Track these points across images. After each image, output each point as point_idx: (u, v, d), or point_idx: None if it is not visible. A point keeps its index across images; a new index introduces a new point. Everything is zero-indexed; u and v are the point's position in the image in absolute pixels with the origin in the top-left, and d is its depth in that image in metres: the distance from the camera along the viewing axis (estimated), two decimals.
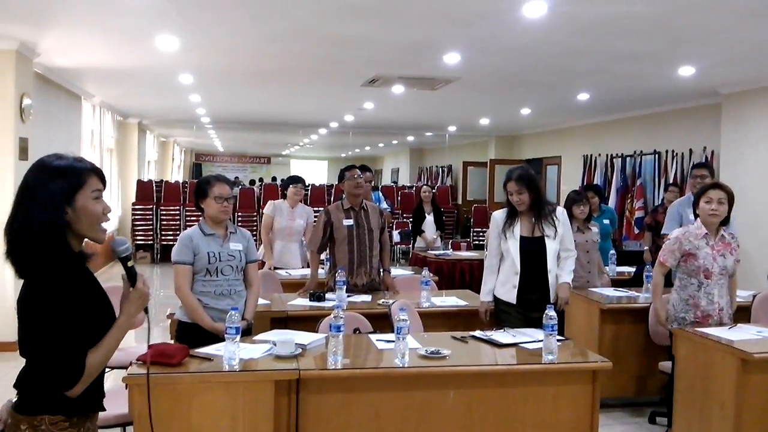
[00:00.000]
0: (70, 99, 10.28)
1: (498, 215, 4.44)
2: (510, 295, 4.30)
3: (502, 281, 4.37)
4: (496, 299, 4.43)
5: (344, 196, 5.39)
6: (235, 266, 3.99)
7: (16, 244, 2.01)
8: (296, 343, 3.45)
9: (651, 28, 6.01)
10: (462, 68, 7.93)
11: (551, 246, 4.26)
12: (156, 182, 14.95)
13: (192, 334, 3.82)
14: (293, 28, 6.35)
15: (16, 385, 2.07)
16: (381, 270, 5.42)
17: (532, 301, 4.24)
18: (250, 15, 5.92)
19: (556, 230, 4.28)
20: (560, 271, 4.35)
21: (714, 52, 6.86)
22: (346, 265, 5.22)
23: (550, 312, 3.48)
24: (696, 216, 4.57)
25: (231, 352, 3.17)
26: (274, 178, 21.29)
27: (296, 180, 6.97)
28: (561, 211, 4.42)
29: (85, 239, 2.16)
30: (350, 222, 5.27)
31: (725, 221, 4.45)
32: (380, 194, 7.56)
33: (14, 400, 2.08)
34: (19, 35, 6.86)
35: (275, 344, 3.44)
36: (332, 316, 3.37)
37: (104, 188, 2.19)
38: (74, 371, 1.99)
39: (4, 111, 7.02)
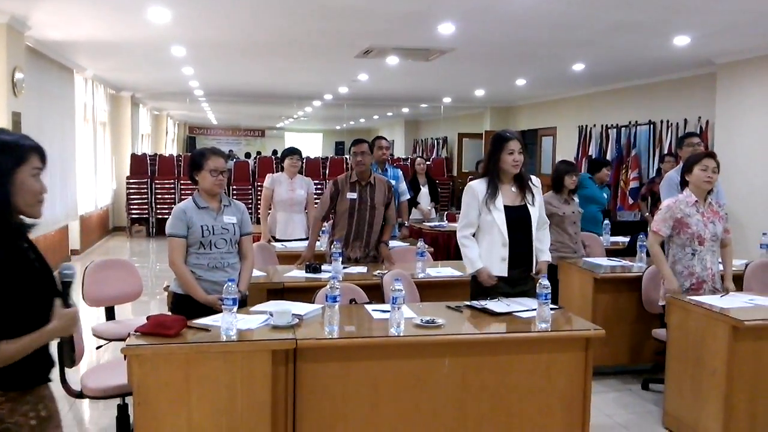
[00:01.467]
0: (62, 72, 10.22)
1: (477, 186, 4.12)
2: (500, 267, 4.05)
3: (483, 255, 4.10)
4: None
5: (352, 169, 5.43)
6: (229, 239, 4.01)
7: None
8: (293, 314, 3.48)
9: None
10: (456, 39, 7.89)
11: (534, 213, 4.11)
12: (150, 156, 14.90)
13: (186, 306, 3.85)
14: None
15: None
16: (379, 242, 5.44)
17: (516, 277, 4.10)
18: None
19: (534, 197, 4.15)
20: (540, 244, 4.17)
21: (709, 21, 6.83)
22: (342, 236, 5.26)
23: (544, 281, 3.51)
24: (684, 183, 4.61)
25: (228, 322, 3.20)
26: (275, 152, 21.21)
27: (292, 152, 6.97)
28: (536, 179, 4.24)
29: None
30: (354, 196, 5.29)
31: (710, 190, 4.55)
32: (399, 173, 7.03)
33: None
34: (9, 8, 6.81)
35: (272, 315, 3.46)
36: (328, 286, 3.39)
37: (44, 168, 2.20)
38: None
39: None
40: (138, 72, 11.97)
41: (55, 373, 2.19)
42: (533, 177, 4.23)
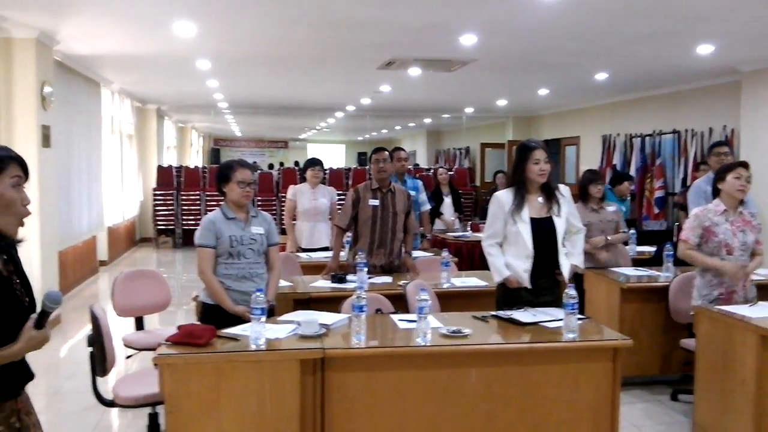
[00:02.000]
0: (89, 86, 10.39)
1: (503, 196, 4.12)
2: (523, 279, 4.06)
3: (510, 264, 4.10)
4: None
5: (372, 177, 5.47)
6: (257, 249, 4.06)
7: None
8: (320, 323, 3.51)
9: (669, 7, 5.96)
10: (479, 50, 7.91)
11: (560, 225, 4.09)
12: (176, 168, 15.07)
13: (216, 316, 3.89)
14: (310, 12, 6.38)
15: None
16: (402, 252, 5.46)
17: (542, 287, 4.09)
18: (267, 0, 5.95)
19: (560, 207, 4.12)
20: (572, 248, 4.17)
21: (733, 30, 6.80)
22: (366, 244, 5.29)
23: (571, 291, 3.50)
24: (715, 192, 4.57)
25: (257, 332, 3.23)
26: (296, 163, 21.32)
27: (314, 162, 7.03)
28: (564, 188, 4.22)
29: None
30: (376, 202, 5.32)
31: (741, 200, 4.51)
32: (420, 184, 7.01)
33: None
34: (38, 24, 6.95)
35: (300, 324, 3.50)
36: (354, 296, 3.42)
37: (26, 178, 2.17)
38: None
39: (27, 99, 7.13)
40: (163, 85, 12.14)
41: (86, 382, 2.21)
42: (561, 186, 4.21)
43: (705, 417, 4.40)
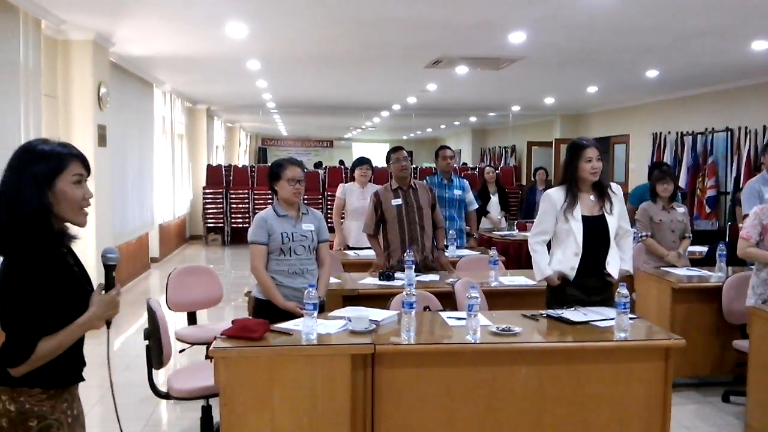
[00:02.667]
0: (142, 86, 10.64)
1: (555, 194, 4.11)
2: (569, 274, 4.04)
3: (555, 263, 4.10)
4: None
5: (391, 176, 5.51)
6: (308, 246, 4.12)
7: (3, 223, 2.07)
8: (370, 319, 3.56)
9: (723, 2, 5.86)
10: (527, 47, 7.87)
11: (612, 223, 4.06)
12: (225, 167, 15.29)
13: (267, 311, 3.96)
14: (359, 12, 6.44)
15: None
16: (435, 248, 5.48)
17: (591, 286, 4.08)
18: (317, 0, 6.02)
19: (612, 206, 4.09)
20: (621, 254, 4.13)
21: None
22: (397, 244, 5.33)
23: (623, 290, 3.48)
24: None
25: (309, 327, 3.29)
26: (341, 162, 21.43)
27: (363, 161, 7.10)
28: (616, 186, 4.21)
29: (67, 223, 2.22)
30: (399, 201, 5.37)
31: None
32: (466, 183, 6.90)
33: None
34: (95, 26, 7.15)
35: (350, 320, 3.55)
36: (404, 293, 3.46)
37: (88, 174, 2.23)
38: (22, 353, 2.04)
39: (84, 99, 7.34)
40: (214, 85, 12.36)
41: (138, 376, 2.26)
42: (613, 184, 4.20)
43: (758, 418, 4.33)
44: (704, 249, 6.91)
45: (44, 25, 6.57)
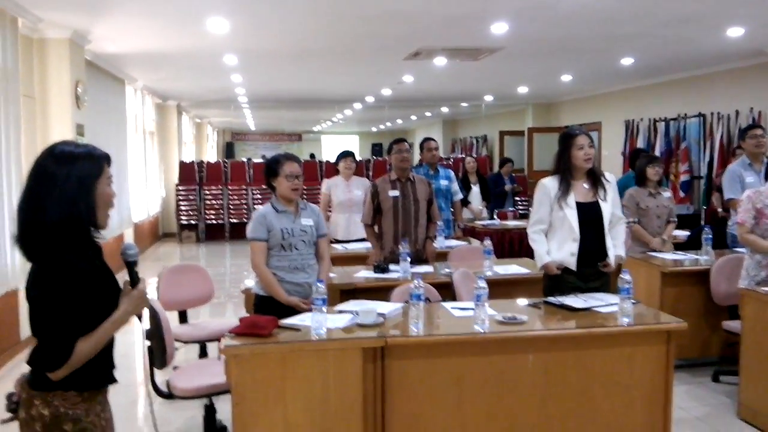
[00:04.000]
0: (115, 84, 10.49)
1: (549, 183, 4.16)
2: (569, 262, 4.10)
3: (554, 251, 4.15)
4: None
5: (391, 167, 5.52)
6: (308, 241, 4.11)
7: (37, 229, 2.04)
8: (377, 312, 3.56)
9: None
10: (508, 38, 7.91)
11: (606, 209, 4.14)
12: (198, 163, 15.15)
13: (269, 307, 3.95)
14: (340, 5, 6.41)
15: (29, 362, 2.13)
16: (426, 237, 5.49)
17: (588, 273, 4.14)
18: None
19: (606, 192, 4.16)
20: (614, 241, 4.19)
21: (764, 12, 6.76)
22: (391, 235, 5.35)
23: (626, 276, 3.54)
24: None
25: (318, 322, 3.28)
26: (312, 155, 21.37)
27: (346, 154, 7.09)
28: (610, 175, 4.27)
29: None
30: (396, 193, 5.38)
31: None
32: (452, 174, 6.98)
33: (27, 375, 2.14)
34: (72, 24, 7.02)
35: (357, 314, 3.55)
36: (412, 285, 3.47)
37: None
38: (61, 356, 2.02)
39: (62, 98, 7.21)
40: (186, 81, 12.21)
41: (134, 376, 2.25)
42: (606, 173, 4.26)
43: (751, 397, 4.44)
44: (686, 233, 7.03)
45: (21, 24, 6.42)
